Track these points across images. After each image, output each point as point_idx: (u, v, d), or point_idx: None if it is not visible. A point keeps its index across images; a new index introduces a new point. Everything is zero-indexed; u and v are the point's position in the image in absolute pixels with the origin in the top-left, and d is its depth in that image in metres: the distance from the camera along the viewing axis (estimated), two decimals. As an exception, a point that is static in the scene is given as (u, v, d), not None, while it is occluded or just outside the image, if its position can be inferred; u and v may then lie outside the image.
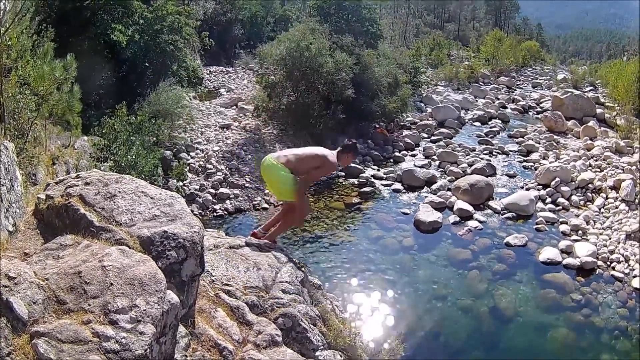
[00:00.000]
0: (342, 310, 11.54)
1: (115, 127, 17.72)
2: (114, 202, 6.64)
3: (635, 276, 18.92)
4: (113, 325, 4.97)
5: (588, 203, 23.70)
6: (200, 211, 19.81)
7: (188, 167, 21.38)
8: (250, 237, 10.09)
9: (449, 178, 25.09)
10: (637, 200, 22.95)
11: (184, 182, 20.42)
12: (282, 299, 8.38)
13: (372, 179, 24.44)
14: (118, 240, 6.10)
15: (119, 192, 6.83)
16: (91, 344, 4.79)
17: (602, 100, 41.47)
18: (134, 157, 17.05)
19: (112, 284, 5.27)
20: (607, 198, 23.70)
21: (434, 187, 24.05)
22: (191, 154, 22.78)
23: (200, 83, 35.16)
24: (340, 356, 8.63)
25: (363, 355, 10.08)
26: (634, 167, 25.54)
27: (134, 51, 24.07)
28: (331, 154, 10.29)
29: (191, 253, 6.42)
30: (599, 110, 37.19)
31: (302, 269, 9.74)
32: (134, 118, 18.83)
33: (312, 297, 9.65)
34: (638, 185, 23.76)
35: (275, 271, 8.99)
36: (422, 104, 39.14)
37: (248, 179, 21.74)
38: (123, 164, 16.57)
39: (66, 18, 22.59)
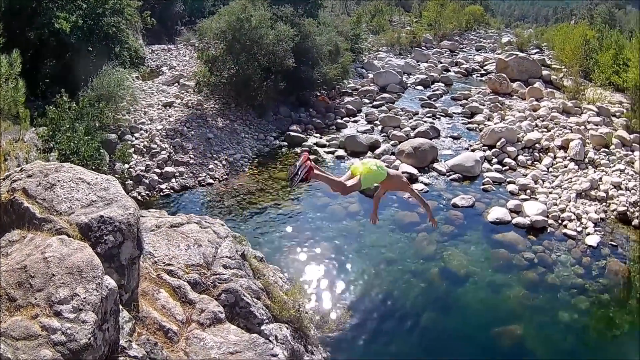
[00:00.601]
0: (287, 281, 11.61)
1: (54, 116, 17.64)
2: (54, 192, 6.70)
3: (588, 234, 19.36)
4: (58, 316, 5.11)
5: (535, 163, 24.14)
6: (147, 192, 19.75)
7: (133, 149, 21.14)
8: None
9: (392, 142, 25.26)
10: (586, 160, 23.52)
11: (130, 164, 20.27)
12: (223, 274, 8.54)
13: (315, 147, 24.56)
14: (58, 230, 6.18)
15: (58, 181, 6.89)
16: (41, 338, 4.94)
17: (549, 62, 42.33)
18: (76, 143, 17.02)
19: (54, 275, 5.39)
20: (555, 157, 24.24)
21: (377, 151, 24.21)
22: (135, 135, 22.54)
23: (142, 63, 34.72)
24: (287, 328, 8.82)
25: (310, 325, 10.25)
26: (583, 127, 26.14)
27: (78, 37, 23.59)
28: None
29: (128, 236, 6.54)
30: (544, 72, 37.87)
31: (242, 242, 9.92)
32: (74, 104, 18.73)
33: (254, 271, 9.80)
34: (587, 144, 24.35)
35: (216, 247, 9.14)
36: (364, 70, 39.26)
37: (192, 156, 21.69)
38: (67, 152, 16.53)
39: (14, 11, 22.46)
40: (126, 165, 19.94)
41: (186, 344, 6.84)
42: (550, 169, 23.43)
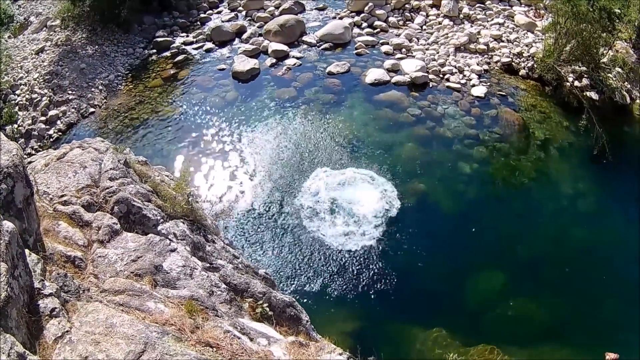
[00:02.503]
0: (173, 178, 11.79)
1: None
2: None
3: (474, 85, 20.19)
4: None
5: (408, 22, 24.46)
6: (39, 144, 19.69)
7: (18, 107, 21.05)
8: None
9: (258, 24, 25.17)
10: (461, 15, 24.12)
11: (18, 122, 20.29)
12: (111, 187, 8.71)
13: (183, 46, 24.36)
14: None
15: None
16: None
17: None
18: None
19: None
20: (427, 16, 24.64)
21: (244, 36, 24.20)
22: (16, 92, 22.09)
23: (11, 21, 34.09)
24: (183, 223, 9.16)
25: (205, 215, 10.43)
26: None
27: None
28: None
29: (17, 177, 6.46)
30: None
31: (123, 151, 10.13)
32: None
33: (139, 175, 10.07)
34: (460, 1, 24.78)
35: (99, 163, 9.29)
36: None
37: (70, 92, 21.58)
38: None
39: None
40: (15, 125, 20.03)
41: (93, 267, 6.94)
42: (424, 27, 23.91)
